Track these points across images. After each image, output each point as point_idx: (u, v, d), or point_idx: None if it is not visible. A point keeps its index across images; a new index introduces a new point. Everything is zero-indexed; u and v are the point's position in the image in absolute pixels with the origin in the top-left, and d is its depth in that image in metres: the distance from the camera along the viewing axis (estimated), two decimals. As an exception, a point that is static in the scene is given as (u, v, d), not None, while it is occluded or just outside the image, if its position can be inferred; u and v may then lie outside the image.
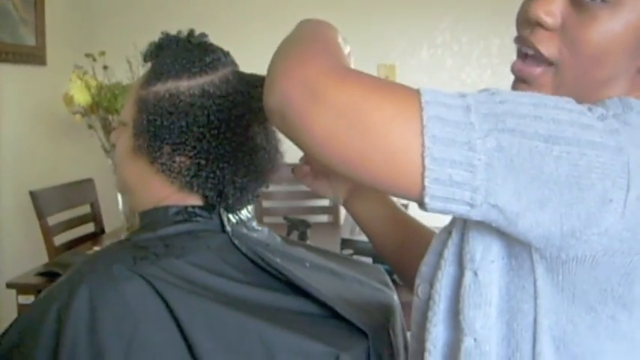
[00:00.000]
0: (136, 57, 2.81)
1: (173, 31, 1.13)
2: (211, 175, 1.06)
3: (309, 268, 1.16)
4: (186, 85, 1.05)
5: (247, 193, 1.12)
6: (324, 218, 3.81)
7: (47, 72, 3.63)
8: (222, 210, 1.11)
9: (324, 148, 0.75)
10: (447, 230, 0.92)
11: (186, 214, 1.09)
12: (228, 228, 1.10)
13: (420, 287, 0.95)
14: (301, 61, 0.78)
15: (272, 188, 3.67)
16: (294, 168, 1.23)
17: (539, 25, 0.83)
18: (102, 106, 2.77)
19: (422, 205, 0.74)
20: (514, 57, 0.88)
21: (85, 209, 3.25)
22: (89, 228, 3.24)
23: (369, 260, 2.19)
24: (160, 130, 1.04)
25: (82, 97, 2.75)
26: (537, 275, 0.77)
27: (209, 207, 1.10)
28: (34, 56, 3.56)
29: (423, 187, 0.72)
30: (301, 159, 1.22)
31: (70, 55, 3.46)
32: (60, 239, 2.97)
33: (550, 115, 0.72)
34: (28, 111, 3.52)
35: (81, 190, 3.25)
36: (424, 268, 0.95)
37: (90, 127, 2.90)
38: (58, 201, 3.04)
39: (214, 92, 1.06)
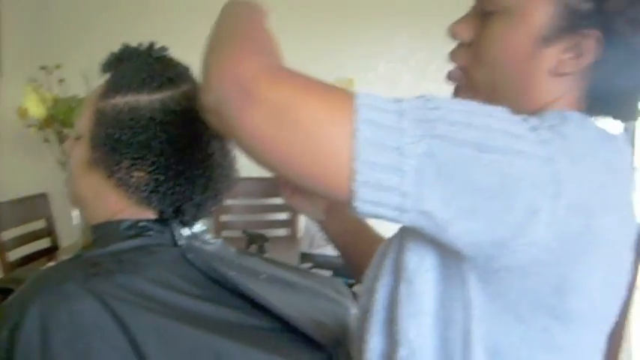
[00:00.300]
0: (92, 70, 2.82)
1: (131, 44, 1.11)
2: (169, 191, 1.04)
3: (264, 280, 1.15)
4: (146, 99, 1.04)
5: (204, 210, 1.11)
6: (282, 232, 3.80)
7: (2, 83, 3.56)
8: (174, 224, 1.09)
9: (257, 147, 0.75)
10: (389, 242, 0.93)
11: (138, 228, 1.07)
12: (181, 242, 1.09)
13: (363, 299, 0.95)
14: (235, 60, 0.78)
15: (230, 202, 3.65)
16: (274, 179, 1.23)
17: (457, 40, 0.90)
18: (57, 119, 2.73)
19: (352, 210, 0.74)
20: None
21: (40, 224, 3.19)
22: (44, 243, 3.17)
23: (328, 273, 2.20)
24: (118, 143, 1.02)
25: (36, 110, 2.71)
26: (469, 285, 0.77)
27: (162, 221, 1.09)
28: (-12, 69, 3.50)
29: (353, 191, 0.72)
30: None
31: (25, 67, 3.42)
32: (14, 254, 2.90)
33: (482, 123, 0.72)
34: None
35: (35, 205, 3.18)
36: (365, 281, 0.96)
37: (45, 140, 2.86)
38: (12, 216, 2.97)
39: (175, 108, 1.04)
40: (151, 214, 1.08)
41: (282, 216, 3.76)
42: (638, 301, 2.22)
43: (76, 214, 2.95)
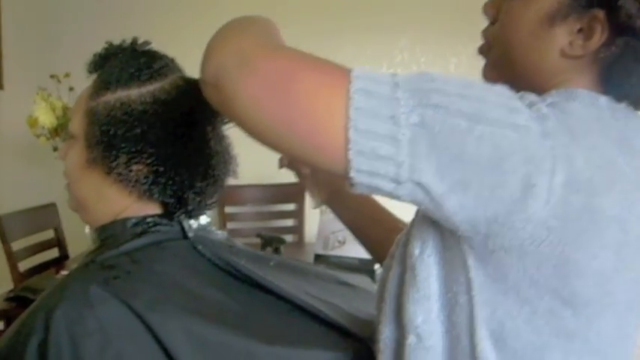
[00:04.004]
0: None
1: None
2: (170, 181, 1.05)
3: (274, 267, 1.16)
4: (136, 92, 1.04)
5: (206, 198, 1.11)
6: (289, 238, 3.79)
7: (5, 96, 3.56)
8: (182, 216, 1.09)
9: (253, 116, 0.76)
10: (403, 233, 0.93)
11: (145, 224, 1.07)
12: (190, 234, 1.10)
13: (378, 288, 0.96)
14: (237, 36, 0.80)
15: (237, 209, 3.65)
16: (280, 157, 1.24)
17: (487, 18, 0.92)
18: (67, 128, 2.72)
19: (350, 181, 0.74)
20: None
21: (49, 234, 3.18)
22: (53, 253, 3.16)
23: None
24: (114, 139, 1.02)
25: (46, 119, 2.71)
26: (469, 267, 0.76)
27: (168, 215, 1.09)
28: (-9, 80, 3.50)
29: (348, 161, 0.72)
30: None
31: (28, 79, 3.42)
32: (24, 265, 2.89)
33: (477, 95, 0.72)
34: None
35: (44, 214, 3.18)
36: (382, 270, 0.97)
37: (55, 149, 2.85)
38: (21, 226, 2.96)
39: (166, 98, 1.05)
40: (155, 209, 1.09)
41: (289, 222, 3.76)
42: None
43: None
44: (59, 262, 3.11)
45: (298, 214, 3.73)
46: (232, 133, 1.09)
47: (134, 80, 1.05)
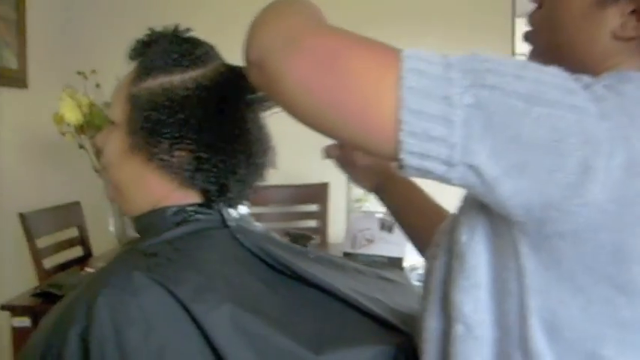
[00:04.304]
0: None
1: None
2: (213, 167, 1.04)
3: (313, 260, 1.14)
4: (179, 78, 1.04)
5: (247, 185, 1.10)
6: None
7: (29, 95, 3.57)
8: (222, 205, 1.08)
9: (300, 96, 0.74)
10: (448, 220, 0.92)
11: (185, 213, 1.06)
12: (231, 223, 1.08)
13: (424, 279, 0.94)
14: (281, 16, 0.79)
15: (260, 210, 3.64)
16: (325, 147, 1.22)
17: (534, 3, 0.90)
18: (93, 124, 2.72)
19: (399, 164, 0.72)
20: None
21: (73, 232, 3.18)
22: (77, 251, 3.16)
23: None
24: (156, 125, 1.02)
25: (72, 115, 2.71)
26: (520, 253, 0.74)
27: (208, 203, 1.08)
28: (16, 79, 3.49)
29: (399, 142, 0.70)
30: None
31: (53, 77, 3.43)
32: (49, 262, 2.89)
33: (532, 76, 0.70)
34: (11, 133, 3.45)
35: (68, 213, 3.18)
36: (426, 261, 0.95)
37: (80, 146, 2.85)
38: (46, 224, 2.96)
39: (208, 84, 1.04)
40: (195, 198, 1.07)
41: (312, 223, 3.74)
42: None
43: (112, 220, 2.94)
44: (83, 260, 3.10)
45: (321, 215, 3.70)
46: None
47: (176, 66, 1.04)
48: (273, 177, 1.17)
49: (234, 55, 1.06)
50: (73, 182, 3.61)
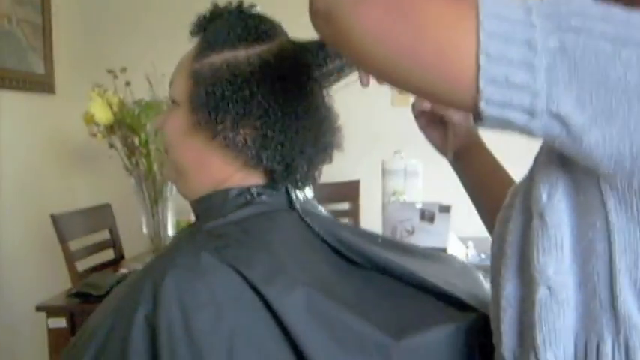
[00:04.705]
0: (155, 75, 2.80)
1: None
2: (279, 146, 0.98)
3: (382, 245, 1.08)
4: (244, 54, 0.99)
5: (313, 167, 1.05)
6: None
7: (56, 100, 3.57)
8: (289, 186, 1.03)
9: (371, 45, 0.69)
10: (520, 183, 0.87)
11: (249, 194, 1.01)
12: (297, 205, 1.03)
13: (494, 245, 0.89)
14: None
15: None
16: (414, 103, 1.17)
17: None
18: (124, 123, 2.69)
19: (477, 114, 0.67)
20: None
21: (105, 235, 3.15)
22: (109, 254, 3.13)
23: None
24: (220, 101, 0.97)
25: (103, 115, 2.68)
26: (608, 210, 0.69)
27: (273, 185, 1.03)
28: (43, 84, 3.49)
29: (478, 90, 0.65)
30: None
31: (79, 79, 3.43)
32: (82, 265, 2.86)
33: (620, 18, 0.65)
34: (40, 138, 3.45)
35: (100, 215, 3.15)
36: (497, 225, 0.89)
37: (111, 146, 2.82)
38: (78, 226, 2.93)
39: (273, 60, 0.99)
40: (259, 179, 1.03)
41: (344, 221, 3.69)
42: None
43: (145, 220, 2.91)
44: (115, 262, 3.07)
45: (353, 214, 3.65)
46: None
47: (241, 41, 1.00)
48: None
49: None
50: (104, 184, 3.61)
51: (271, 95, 0.98)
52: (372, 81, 0.91)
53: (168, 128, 1.06)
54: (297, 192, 1.05)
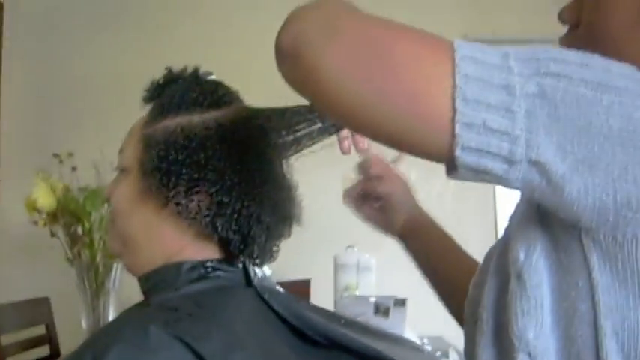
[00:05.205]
0: (102, 163, 2.72)
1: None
2: (235, 214, 0.93)
3: (345, 325, 1.02)
4: (199, 118, 0.95)
5: (273, 239, 1.00)
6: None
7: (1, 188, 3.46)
8: (247, 260, 0.97)
9: (342, 86, 0.65)
10: (494, 246, 0.83)
11: (203, 268, 0.94)
12: (255, 282, 0.97)
13: (467, 310, 0.84)
14: (319, 6, 0.71)
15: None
16: (344, 192, 1.15)
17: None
18: (68, 210, 2.59)
19: (451, 163, 0.63)
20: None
21: (40, 330, 2.97)
22: (44, 350, 2.94)
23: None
24: (173, 165, 0.92)
25: (46, 200, 2.57)
26: (592, 267, 0.65)
27: (229, 259, 0.97)
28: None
29: (454, 135, 0.61)
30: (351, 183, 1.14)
31: (23, 167, 3.32)
32: (13, 361, 2.68)
33: (599, 64, 0.63)
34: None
35: (36, 308, 2.99)
36: (471, 290, 0.85)
37: (52, 234, 2.70)
38: (12, 319, 2.77)
39: (231, 126, 0.95)
40: (214, 252, 0.96)
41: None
42: None
43: (85, 315, 2.77)
44: (50, 359, 2.89)
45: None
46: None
47: (196, 106, 0.96)
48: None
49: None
50: (43, 276, 3.45)
51: (227, 161, 0.93)
52: (318, 177, 0.88)
53: (116, 196, 1.00)
54: (255, 268, 0.98)
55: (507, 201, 3.92)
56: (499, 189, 3.77)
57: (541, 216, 0.70)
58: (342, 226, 3.57)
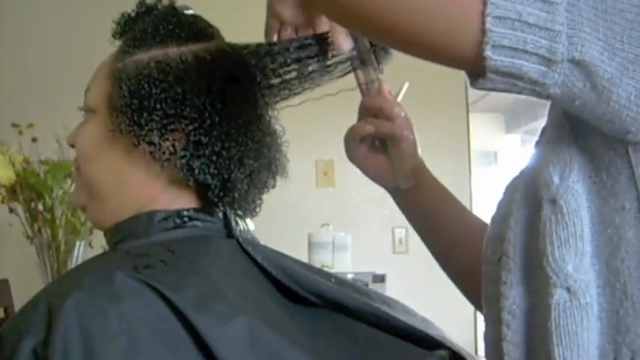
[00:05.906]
0: (65, 134, 2.61)
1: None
2: (215, 155, 0.83)
3: (335, 283, 0.93)
4: (175, 51, 0.86)
5: (255, 188, 0.90)
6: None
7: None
8: (228, 210, 0.88)
9: None
10: (517, 176, 0.75)
11: (178, 218, 0.85)
12: (237, 232, 0.87)
13: (489, 248, 0.75)
14: None
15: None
16: (354, 127, 1.07)
17: None
18: (28, 184, 2.46)
19: (479, 66, 0.55)
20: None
21: (-1, 313, 2.86)
22: (2, 335, 2.82)
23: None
24: (146, 100, 0.82)
25: (4, 174, 2.44)
26: None
27: (208, 208, 0.87)
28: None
29: (483, 32, 0.53)
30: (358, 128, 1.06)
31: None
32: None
33: None
34: None
35: (-6, 291, 2.87)
36: (492, 226, 0.76)
37: (10, 210, 2.58)
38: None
39: (211, 59, 0.85)
40: (190, 201, 0.87)
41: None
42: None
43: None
44: (9, 344, 2.76)
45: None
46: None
47: (173, 38, 0.87)
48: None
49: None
50: (1, 256, 3.31)
51: (207, 97, 0.83)
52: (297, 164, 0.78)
53: (81, 140, 0.90)
54: (237, 219, 0.89)
55: (483, 197, 3.88)
56: (475, 183, 3.74)
57: (577, 132, 0.63)
58: (315, 204, 3.54)
